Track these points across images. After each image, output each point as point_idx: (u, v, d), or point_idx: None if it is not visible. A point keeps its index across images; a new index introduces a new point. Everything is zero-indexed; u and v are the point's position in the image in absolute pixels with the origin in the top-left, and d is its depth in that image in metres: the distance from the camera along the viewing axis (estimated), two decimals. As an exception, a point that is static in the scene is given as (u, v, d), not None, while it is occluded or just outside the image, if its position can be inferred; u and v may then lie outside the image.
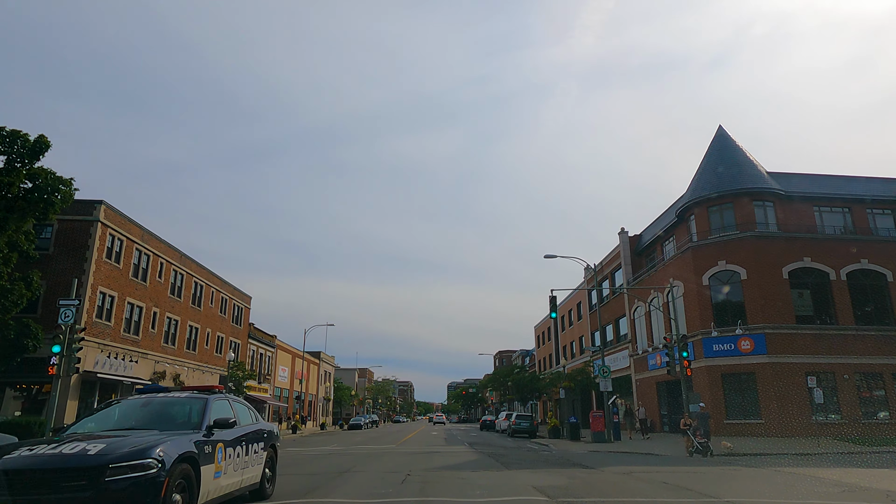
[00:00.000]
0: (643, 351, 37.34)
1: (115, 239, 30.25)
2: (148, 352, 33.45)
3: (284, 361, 62.71)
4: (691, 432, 19.97)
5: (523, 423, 40.61)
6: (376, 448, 25.06)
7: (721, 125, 34.57)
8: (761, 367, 27.87)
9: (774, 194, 31.30)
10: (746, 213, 30.82)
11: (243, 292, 50.84)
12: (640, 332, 38.65)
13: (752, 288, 28.96)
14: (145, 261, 33.42)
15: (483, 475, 13.64)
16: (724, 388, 28.76)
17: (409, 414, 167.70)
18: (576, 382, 39.10)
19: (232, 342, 47.49)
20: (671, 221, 35.92)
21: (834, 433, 26.04)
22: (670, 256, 34.29)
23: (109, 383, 29.75)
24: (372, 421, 73.45)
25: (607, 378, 29.07)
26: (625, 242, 42.57)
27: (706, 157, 34.20)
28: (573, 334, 58.21)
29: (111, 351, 29.58)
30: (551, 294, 27.59)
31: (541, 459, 18.64)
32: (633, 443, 26.65)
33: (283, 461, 18.13)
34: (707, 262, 30.37)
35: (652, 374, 36.16)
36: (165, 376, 35.02)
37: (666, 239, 38.21)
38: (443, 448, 25.20)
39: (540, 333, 76.73)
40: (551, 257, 30.44)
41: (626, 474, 13.87)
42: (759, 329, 28.19)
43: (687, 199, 33.46)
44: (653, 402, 36.19)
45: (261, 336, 55.29)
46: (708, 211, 32.13)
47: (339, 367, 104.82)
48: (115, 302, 30.15)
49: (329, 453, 22.10)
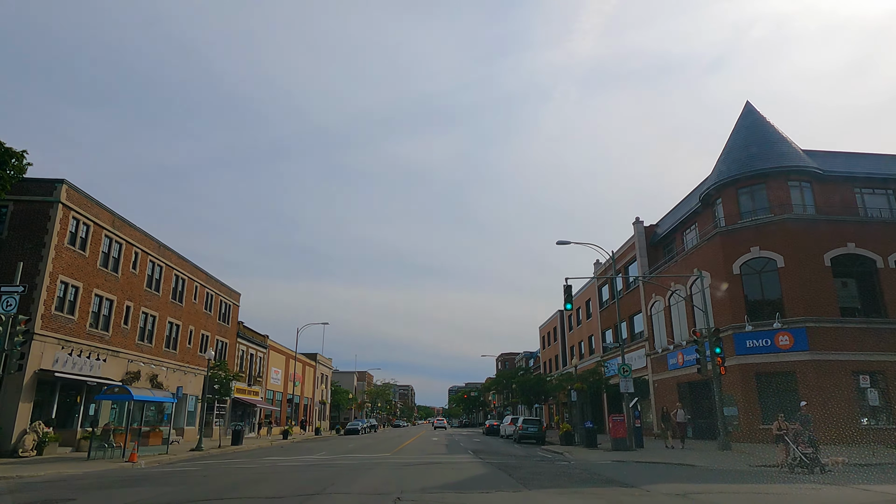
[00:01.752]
0: (662, 349, 34.21)
1: (80, 223, 27.21)
2: (119, 350, 30.38)
3: (277, 363, 59.58)
4: (790, 438, 15.72)
5: (531, 429, 37.45)
6: (367, 458, 21.95)
7: (748, 100, 31.48)
8: (802, 366, 24.74)
9: (812, 174, 28.22)
10: (781, 195, 27.74)
11: (231, 288, 47.77)
12: (659, 329, 35.52)
13: (791, 277, 25.85)
14: (116, 249, 30.37)
15: (498, 499, 10.54)
16: (758, 389, 25.62)
17: (409, 418, 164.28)
18: (588, 384, 35.97)
19: (219, 341, 44.41)
20: (693, 207, 32.83)
21: (886, 440, 22.90)
22: (694, 244, 31.17)
23: (72, 384, 26.68)
24: (370, 425, 70.20)
25: (628, 378, 25.97)
26: (640, 233, 39.47)
27: (733, 135, 31.16)
28: (581, 334, 55.05)
29: (74, 348, 26.52)
30: (566, 283, 24.50)
31: (562, 473, 15.53)
32: (662, 451, 23.50)
33: (254, 475, 15.13)
34: (738, 249, 27.28)
35: (672, 374, 33.04)
36: (140, 377, 31.95)
37: (687, 227, 35.11)
38: (443, 457, 22.09)
39: (545, 334, 73.53)
40: (564, 243, 27.39)
41: (682, 496, 10.76)
42: (799, 322, 25.08)
43: (713, 181, 30.37)
44: (673, 405, 33.05)
45: (251, 335, 52.19)
46: (737, 193, 29.05)
47: (337, 370, 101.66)
48: (80, 293, 27.10)
49: (311, 464, 19.00)
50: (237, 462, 20.91)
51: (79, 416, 27.61)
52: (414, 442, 36.86)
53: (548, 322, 71.73)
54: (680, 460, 19.26)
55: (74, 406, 27.51)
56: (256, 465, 19.08)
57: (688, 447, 24.10)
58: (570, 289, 24.17)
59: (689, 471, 16.22)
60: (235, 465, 19.16)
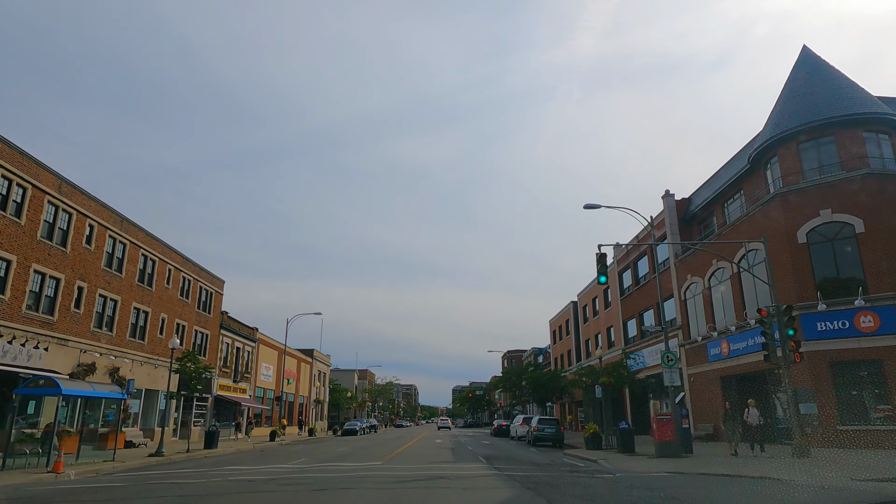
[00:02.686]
0: (702, 338, 29.50)
1: (14, 185, 22.72)
2: (69, 337, 25.90)
3: (269, 358, 55.09)
4: None
5: (548, 429, 32.87)
6: (351, 468, 17.34)
7: (805, 45, 26.74)
8: (891, 353, 20.03)
9: (892, 122, 23.48)
10: (855, 148, 23.02)
11: (214, 275, 43.24)
12: (696, 316, 30.83)
13: (873, 245, 21.14)
14: (64, 220, 25.87)
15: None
16: (834, 381, 20.90)
17: (412, 418, 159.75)
18: (615, 378, 31.33)
19: (198, 332, 39.91)
20: (739, 171, 28.12)
21: None
22: (743, 213, 26.43)
23: (2, 376, 22.17)
24: (370, 426, 65.63)
25: (674, 368, 21.28)
26: (671, 207, 34.73)
27: (788, 84, 26.45)
28: (599, 325, 50.34)
29: (4, 332, 22.02)
30: (599, 251, 19.82)
31: (618, 494, 10.92)
32: (722, 460, 18.83)
33: (178, 498, 10.67)
34: (804, 214, 22.57)
35: (714, 366, 28.38)
36: (96, 369, 27.46)
37: (729, 197, 30.39)
38: (449, 468, 17.49)
39: (556, 328, 68.79)
40: (594, 207, 22.71)
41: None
42: (887, 300, 20.37)
43: (767, 135, 25.65)
44: (714, 403, 28.42)
45: (238, 328, 47.66)
46: (798, 148, 24.33)
47: (337, 368, 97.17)
48: (13, 268, 22.60)
49: (271, 478, 14.41)
50: (184, 473, 16.37)
51: (12, 416, 23.07)
52: (414, 445, 32.25)
53: (559, 315, 67.02)
54: (759, 472, 14.60)
55: (8, 403, 23.01)
56: (202, 479, 14.54)
57: (755, 454, 19.28)
58: (604, 257, 19.53)
59: (783, 488, 11.60)
60: (175, 480, 14.62)
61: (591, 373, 34.91)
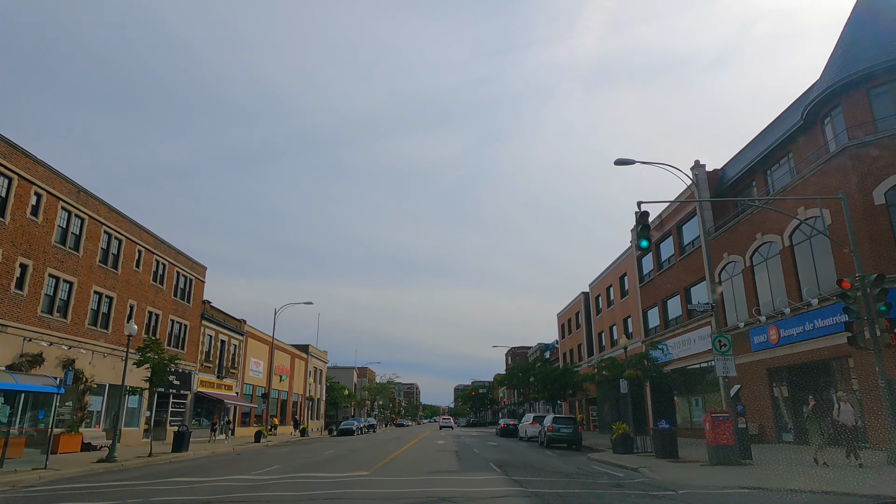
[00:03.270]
0: (744, 324, 25.63)
1: (-69, 138, 18.94)
2: (7, 323, 22.12)
3: (259, 354, 51.29)
4: None
5: (565, 429, 29.01)
6: (327, 480, 13.48)
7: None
8: None
9: (984, 60, 19.59)
10: (940, 92, 19.13)
11: (192, 259, 39.42)
12: (736, 299, 26.97)
13: (972, 203, 17.26)
14: (2, 185, 22.09)
15: None
16: (924, 371, 17.00)
17: (414, 417, 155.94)
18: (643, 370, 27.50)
19: (174, 322, 36.12)
20: (791, 127, 24.21)
21: None
22: (799, 175, 22.51)
23: (-87, 367, 18.40)
24: (368, 425, 61.75)
25: (728, 355, 17.44)
26: (702, 179, 30.72)
27: (847, 27, 22.55)
28: (614, 317, 46.43)
29: (-84, 315, 18.26)
30: (638, 209, 15.98)
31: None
32: (803, 468, 14.97)
33: None
34: (881, 170, 18.68)
35: (758, 356, 24.56)
36: (44, 361, 23.68)
37: (773, 162, 26.51)
38: (454, 480, 13.65)
39: (565, 321, 64.89)
40: (627, 163, 18.82)
41: None
42: None
43: (826, 83, 21.74)
44: (760, 399, 24.61)
45: (223, 319, 43.86)
46: (868, 95, 20.44)
47: (335, 366, 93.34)
48: (-70, 238, 18.83)
49: (213, 499, 10.57)
50: (109, 488, 12.53)
51: (-70, 414, 19.33)
52: (413, 448, 28.41)
53: (568, 308, 63.14)
54: (868, 488, 10.77)
55: (-74, 399, 19.26)
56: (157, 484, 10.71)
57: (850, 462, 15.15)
58: (646, 215, 15.76)
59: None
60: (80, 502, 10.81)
61: (613, 365, 31.10)
